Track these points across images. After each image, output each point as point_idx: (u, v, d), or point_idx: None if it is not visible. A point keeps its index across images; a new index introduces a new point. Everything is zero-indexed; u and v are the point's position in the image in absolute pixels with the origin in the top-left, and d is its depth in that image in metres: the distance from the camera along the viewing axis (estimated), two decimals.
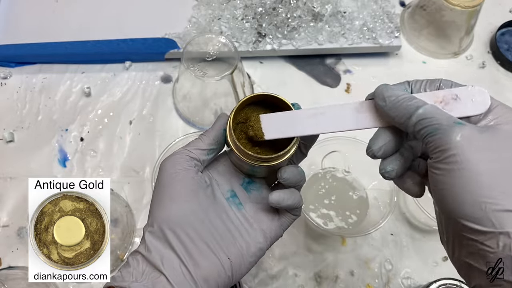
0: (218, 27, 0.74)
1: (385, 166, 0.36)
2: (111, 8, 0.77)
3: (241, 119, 0.40)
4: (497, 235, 0.29)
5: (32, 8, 0.78)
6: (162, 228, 0.37)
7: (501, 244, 0.29)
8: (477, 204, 0.30)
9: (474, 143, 0.31)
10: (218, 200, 0.40)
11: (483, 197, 0.30)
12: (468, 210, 0.30)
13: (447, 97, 0.35)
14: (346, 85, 0.74)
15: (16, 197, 0.65)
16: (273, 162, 0.38)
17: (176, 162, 0.39)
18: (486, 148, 0.31)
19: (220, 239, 0.38)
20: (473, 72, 0.76)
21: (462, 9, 0.69)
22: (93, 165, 0.68)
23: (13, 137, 0.70)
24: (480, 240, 0.30)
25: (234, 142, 0.39)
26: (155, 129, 0.70)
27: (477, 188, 0.30)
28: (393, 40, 0.73)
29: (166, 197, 0.38)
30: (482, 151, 0.31)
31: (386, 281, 0.61)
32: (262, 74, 0.75)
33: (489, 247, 0.30)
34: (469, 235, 0.31)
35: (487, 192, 0.30)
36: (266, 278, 0.61)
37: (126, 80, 0.74)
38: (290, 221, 0.42)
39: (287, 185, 0.40)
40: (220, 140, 0.41)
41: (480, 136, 0.31)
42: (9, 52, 0.74)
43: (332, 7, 0.74)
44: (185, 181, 0.39)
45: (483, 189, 0.30)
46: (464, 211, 0.30)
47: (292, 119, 0.39)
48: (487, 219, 0.30)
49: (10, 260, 0.61)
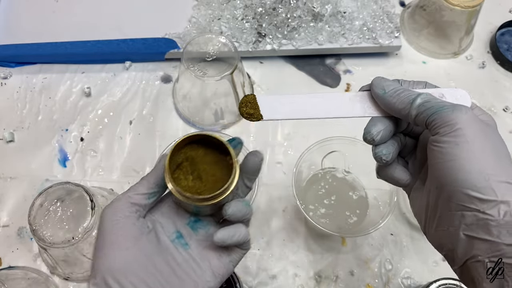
0: (218, 27, 0.74)
1: (381, 149, 0.38)
2: (111, 8, 0.78)
3: (181, 159, 0.40)
4: (498, 204, 0.32)
5: (32, 8, 0.78)
6: (106, 278, 0.36)
7: (502, 212, 0.32)
8: (481, 174, 0.32)
9: (477, 123, 0.34)
10: (162, 244, 0.39)
11: (487, 168, 0.33)
12: (473, 179, 0.33)
13: (435, 94, 0.38)
14: (346, 85, 0.74)
15: (16, 197, 0.65)
16: (213, 200, 0.38)
17: (117, 209, 0.38)
18: (483, 128, 0.35)
19: (166, 283, 0.38)
20: (473, 72, 0.76)
21: (462, 9, 0.69)
22: (93, 165, 0.68)
23: (13, 137, 0.70)
24: (482, 209, 0.32)
25: (172, 184, 0.38)
26: (155, 129, 0.70)
27: (482, 160, 0.33)
28: (393, 40, 0.73)
29: (108, 246, 0.37)
30: (483, 131, 0.34)
31: (386, 281, 0.61)
32: (262, 74, 0.75)
33: (490, 215, 0.32)
34: (470, 205, 0.33)
35: (491, 165, 0.33)
36: (266, 278, 0.61)
37: (126, 80, 0.74)
38: (240, 256, 0.41)
39: (233, 221, 0.39)
40: (161, 183, 0.39)
41: (478, 118, 0.35)
42: (9, 52, 0.74)
43: (332, 7, 0.74)
44: (126, 229, 0.38)
45: (488, 162, 0.33)
46: (469, 181, 0.33)
47: (289, 102, 0.40)
48: (489, 189, 0.32)
49: (10, 260, 0.61)
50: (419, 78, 0.78)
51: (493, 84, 0.75)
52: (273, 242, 0.63)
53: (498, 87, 0.75)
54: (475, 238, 0.33)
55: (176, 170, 0.39)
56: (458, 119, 0.34)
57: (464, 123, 0.34)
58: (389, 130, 0.39)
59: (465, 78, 0.76)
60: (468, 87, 0.74)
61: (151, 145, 0.69)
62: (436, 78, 0.75)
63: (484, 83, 0.75)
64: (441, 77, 0.75)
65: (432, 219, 0.37)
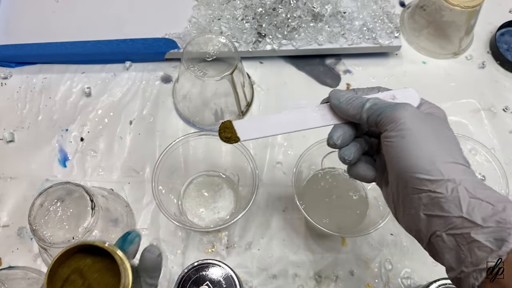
0: (218, 27, 0.74)
1: (344, 151, 0.43)
2: (111, 8, 0.78)
3: (67, 273, 0.39)
4: (445, 182, 0.36)
5: (32, 8, 0.78)
6: None
7: (450, 188, 0.36)
8: (427, 159, 0.37)
9: (418, 115, 0.39)
10: None
11: (432, 153, 0.37)
12: (421, 164, 0.37)
13: (387, 97, 0.42)
14: (346, 85, 0.74)
15: (17, 197, 0.65)
16: None
17: None
18: (424, 119, 0.39)
19: None
20: (473, 72, 0.76)
21: (462, 9, 0.69)
22: (93, 165, 0.68)
23: (13, 137, 0.70)
24: (433, 189, 0.36)
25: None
26: (155, 129, 0.70)
27: (427, 147, 0.37)
28: (393, 40, 0.73)
29: None
30: (422, 121, 0.39)
31: (386, 281, 0.61)
32: (262, 74, 0.75)
33: (440, 193, 0.36)
34: (423, 187, 0.37)
35: (436, 149, 0.37)
36: (266, 278, 0.61)
37: (126, 80, 0.74)
38: None
39: None
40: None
41: (419, 111, 0.39)
42: (9, 52, 0.74)
43: (332, 7, 0.74)
44: None
45: (432, 147, 0.37)
46: (418, 166, 0.37)
47: (261, 122, 0.45)
48: (437, 170, 0.36)
49: (10, 260, 0.61)
50: (419, 78, 0.79)
51: (493, 84, 0.75)
52: (273, 242, 0.63)
53: (498, 87, 0.75)
54: (432, 216, 0.37)
55: (64, 286, 0.38)
56: (400, 115, 0.38)
57: (406, 118, 0.38)
58: (349, 134, 0.43)
59: (465, 78, 0.76)
60: (468, 87, 0.75)
61: (151, 145, 0.69)
62: (436, 78, 0.75)
63: (484, 83, 0.75)
64: (441, 77, 0.76)
65: (398, 206, 0.41)
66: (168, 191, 0.62)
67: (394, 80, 0.75)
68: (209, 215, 0.64)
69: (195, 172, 0.66)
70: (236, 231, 0.63)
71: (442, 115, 0.42)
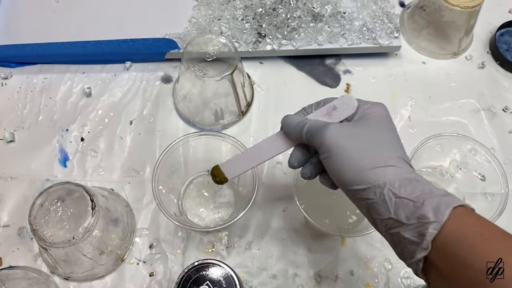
0: (218, 28, 0.74)
1: (302, 170, 0.48)
2: (112, 8, 0.78)
3: None
4: (374, 188, 0.40)
5: (33, 9, 0.78)
6: None
7: (378, 193, 0.40)
8: (354, 171, 0.41)
9: (341, 134, 0.42)
10: None
11: (357, 165, 0.41)
12: (350, 177, 0.41)
13: (329, 109, 0.47)
14: (346, 86, 0.74)
15: (17, 197, 0.65)
16: None
17: None
18: (347, 135, 0.42)
19: None
20: (473, 72, 0.76)
21: (461, 9, 0.70)
22: (94, 165, 0.68)
23: (14, 137, 0.70)
24: (364, 196, 0.40)
25: None
26: (156, 129, 0.71)
27: (351, 161, 0.41)
28: (393, 40, 0.74)
29: None
30: (345, 138, 0.42)
31: (385, 280, 0.61)
32: (262, 74, 0.75)
33: (372, 199, 0.40)
34: (359, 196, 0.41)
35: (359, 161, 0.41)
36: (266, 278, 0.61)
37: (127, 80, 0.75)
38: None
39: None
40: None
41: (341, 129, 0.43)
42: (9, 53, 0.74)
43: (331, 7, 0.74)
44: None
45: (356, 160, 0.41)
46: (348, 179, 0.41)
47: (240, 160, 0.51)
48: (364, 179, 0.40)
49: (10, 259, 0.61)
50: (419, 78, 0.79)
51: (493, 84, 0.75)
52: (273, 242, 0.63)
53: (497, 87, 0.75)
54: (376, 219, 0.41)
55: None
56: (325, 138, 0.42)
57: (330, 140, 0.42)
58: (303, 155, 0.48)
59: (464, 78, 0.76)
60: (467, 87, 0.75)
61: (152, 145, 0.69)
62: (436, 78, 0.75)
63: (483, 83, 0.75)
64: (440, 77, 0.76)
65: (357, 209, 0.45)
66: (168, 191, 0.62)
67: (393, 80, 0.75)
68: (209, 215, 0.64)
69: (195, 172, 0.66)
70: (236, 231, 0.63)
71: (379, 113, 0.44)
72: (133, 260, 0.61)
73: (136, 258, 0.62)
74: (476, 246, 0.35)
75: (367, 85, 0.75)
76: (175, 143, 0.60)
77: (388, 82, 0.75)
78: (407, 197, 0.38)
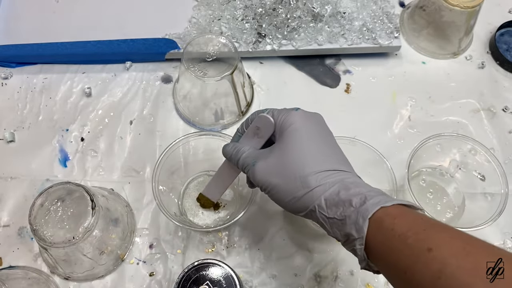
0: (218, 28, 0.74)
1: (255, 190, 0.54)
2: (112, 8, 0.78)
3: None
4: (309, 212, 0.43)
5: (33, 9, 0.78)
6: None
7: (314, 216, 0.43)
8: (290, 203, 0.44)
9: (266, 171, 0.45)
10: None
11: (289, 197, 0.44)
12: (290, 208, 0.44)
13: (255, 131, 0.49)
14: (345, 85, 0.75)
15: (17, 197, 0.65)
16: None
17: None
18: (273, 170, 0.45)
19: None
20: (473, 72, 0.76)
21: (461, 9, 0.70)
22: (94, 165, 0.68)
23: (14, 137, 0.70)
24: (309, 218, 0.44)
25: None
26: (156, 129, 0.71)
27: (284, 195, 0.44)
28: (393, 40, 0.74)
29: None
30: (272, 174, 0.45)
31: (386, 280, 0.61)
32: (262, 74, 0.75)
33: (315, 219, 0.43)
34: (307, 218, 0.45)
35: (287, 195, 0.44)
36: (266, 278, 0.61)
37: (127, 80, 0.75)
38: None
39: None
40: None
41: (267, 165, 0.45)
42: (9, 53, 0.74)
43: (331, 7, 0.74)
44: None
45: (285, 194, 0.44)
46: (291, 209, 0.45)
47: (214, 184, 0.56)
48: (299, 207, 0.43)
49: (10, 259, 0.61)
50: (419, 78, 0.79)
51: (493, 84, 0.75)
52: (273, 242, 0.63)
53: (497, 87, 0.75)
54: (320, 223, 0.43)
55: None
56: (256, 180, 0.46)
57: (260, 182, 0.46)
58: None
59: (464, 78, 0.76)
60: (467, 87, 0.75)
61: (152, 145, 0.69)
62: (436, 78, 0.75)
63: (483, 83, 0.75)
64: (440, 77, 0.76)
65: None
66: (168, 191, 0.62)
67: (393, 81, 0.75)
68: (209, 215, 0.64)
69: (195, 172, 0.66)
70: (236, 231, 0.63)
71: (294, 126, 0.46)
72: (133, 260, 0.61)
73: (136, 258, 0.62)
74: (396, 249, 0.37)
75: (367, 85, 0.75)
76: (175, 143, 0.60)
77: (388, 82, 0.75)
78: (334, 216, 0.41)
